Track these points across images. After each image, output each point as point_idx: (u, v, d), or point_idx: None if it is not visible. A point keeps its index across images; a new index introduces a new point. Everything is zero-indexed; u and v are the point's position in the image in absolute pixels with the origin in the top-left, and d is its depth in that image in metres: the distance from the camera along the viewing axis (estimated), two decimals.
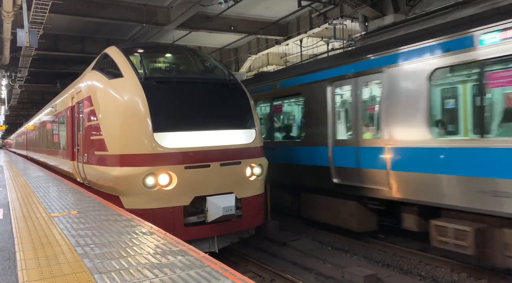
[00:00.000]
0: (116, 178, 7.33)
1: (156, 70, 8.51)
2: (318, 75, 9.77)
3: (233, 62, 22.14)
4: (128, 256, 3.94)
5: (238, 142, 7.85)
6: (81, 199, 7.60)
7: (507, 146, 6.05)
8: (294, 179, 10.70)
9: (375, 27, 12.62)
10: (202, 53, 9.96)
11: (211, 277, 3.32)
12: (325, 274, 7.72)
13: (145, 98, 7.24)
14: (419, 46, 7.32)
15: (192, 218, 7.39)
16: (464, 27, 6.69)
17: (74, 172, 10.56)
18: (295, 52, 20.63)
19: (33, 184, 10.50)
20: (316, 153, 9.78)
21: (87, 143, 8.86)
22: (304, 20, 16.86)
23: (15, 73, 19.78)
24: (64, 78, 24.19)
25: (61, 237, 4.76)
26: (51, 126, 15.84)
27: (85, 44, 19.14)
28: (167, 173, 7.11)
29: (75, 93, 10.42)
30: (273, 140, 11.79)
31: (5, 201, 7.90)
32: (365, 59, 8.44)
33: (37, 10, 10.55)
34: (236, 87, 8.49)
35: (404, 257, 8.43)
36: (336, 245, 9.42)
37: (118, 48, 8.57)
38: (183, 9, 14.06)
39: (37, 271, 3.61)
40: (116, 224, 5.36)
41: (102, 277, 3.39)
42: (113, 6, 14.71)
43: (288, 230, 10.67)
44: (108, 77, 8.09)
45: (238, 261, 8.47)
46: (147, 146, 7.08)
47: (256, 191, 8.18)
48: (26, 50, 15.20)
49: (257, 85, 12.42)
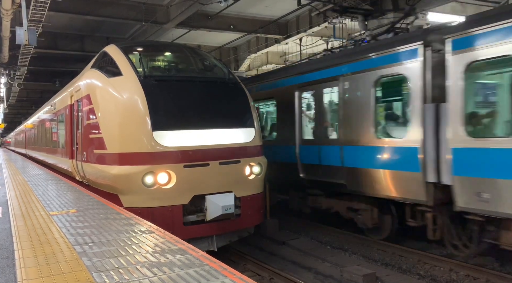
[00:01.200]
0: (115, 176, 7.32)
1: (156, 69, 8.50)
2: (288, 81, 10.81)
3: (232, 61, 22.12)
4: (127, 255, 3.93)
5: (237, 141, 7.84)
6: (80, 198, 7.59)
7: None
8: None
9: (375, 26, 12.63)
10: (201, 52, 9.95)
11: (210, 276, 3.32)
12: (324, 273, 7.72)
13: (144, 97, 7.23)
14: (367, 58, 8.30)
15: (191, 217, 7.39)
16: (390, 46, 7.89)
17: (73, 170, 10.55)
18: (295, 51, 20.63)
19: (32, 182, 10.49)
20: (286, 151, 10.65)
21: (86, 141, 8.85)
22: (304, 19, 16.82)
23: (14, 71, 19.74)
24: (63, 76, 24.14)
25: (60, 236, 4.75)
26: (50, 124, 15.83)
27: (84, 42, 19.09)
28: (166, 171, 7.11)
29: (74, 91, 10.41)
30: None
31: (4, 199, 7.89)
32: (325, 68, 9.44)
33: (36, 8, 10.51)
34: (236, 86, 8.49)
35: (403, 256, 8.44)
36: (335, 244, 9.42)
37: (118, 47, 8.56)
38: (182, 8, 14.03)
39: (36, 270, 3.61)
40: (115, 223, 5.36)
41: (101, 276, 3.38)
42: (113, 5, 14.67)
43: (287, 229, 10.68)
44: (107, 75, 8.08)
45: (237, 260, 8.47)
46: (146, 144, 7.08)
47: (255, 190, 8.18)
48: (25, 48, 15.16)
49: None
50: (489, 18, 6.34)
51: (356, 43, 10.34)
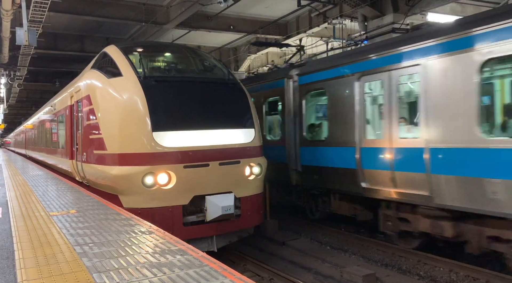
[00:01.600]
0: (115, 177, 7.32)
1: (155, 69, 8.51)
2: (258, 88, 12.46)
3: (232, 61, 22.13)
4: (127, 255, 3.94)
5: (237, 142, 7.85)
6: (80, 198, 7.59)
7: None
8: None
9: (375, 27, 12.64)
10: (201, 52, 9.96)
11: (210, 276, 3.32)
12: (324, 273, 7.72)
13: (144, 97, 7.23)
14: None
15: (191, 217, 7.39)
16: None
17: (73, 171, 10.55)
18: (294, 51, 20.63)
19: (32, 182, 10.49)
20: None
21: (86, 142, 8.85)
22: (304, 20, 16.85)
23: (14, 72, 19.76)
24: (63, 77, 24.15)
25: (60, 236, 4.75)
26: (50, 125, 15.83)
27: (84, 43, 19.10)
28: (166, 172, 7.11)
29: (74, 92, 10.41)
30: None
31: (4, 199, 7.89)
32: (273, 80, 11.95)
33: (36, 8, 10.52)
34: (236, 87, 8.49)
35: (402, 257, 8.44)
36: (334, 245, 9.42)
37: (117, 47, 8.56)
38: (182, 8, 14.05)
39: (36, 270, 3.61)
40: (115, 223, 5.36)
41: (101, 276, 3.39)
42: (113, 5, 14.69)
43: (287, 229, 10.68)
44: (107, 76, 8.08)
45: (237, 260, 8.47)
46: (146, 145, 7.08)
47: (255, 191, 8.18)
48: (25, 49, 15.17)
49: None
50: (315, 64, 10.31)
51: (356, 43, 10.48)
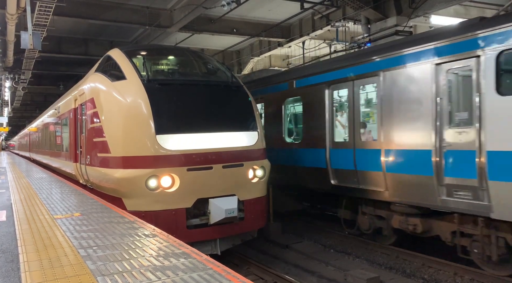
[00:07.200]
0: (118, 180, 7.33)
1: (159, 73, 8.53)
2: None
3: (235, 64, 22.18)
4: (130, 259, 3.94)
5: (241, 144, 7.85)
6: (84, 201, 7.61)
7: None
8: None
9: (378, 29, 12.63)
10: (204, 55, 9.98)
11: (213, 279, 3.32)
12: (327, 276, 7.70)
13: (148, 100, 7.25)
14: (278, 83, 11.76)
15: (194, 220, 7.39)
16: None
17: (76, 174, 10.58)
18: (298, 54, 20.67)
19: (36, 185, 10.53)
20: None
21: (90, 145, 8.88)
22: (307, 23, 16.87)
23: (18, 75, 19.86)
24: (67, 80, 24.29)
25: (64, 239, 4.76)
26: (54, 128, 15.88)
27: (88, 46, 19.20)
28: (170, 175, 7.11)
29: (78, 95, 10.45)
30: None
31: (8, 202, 7.91)
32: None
33: (41, 12, 10.58)
34: (239, 89, 8.50)
35: (407, 260, 8.41)
36: (338, 248, 9.40)
37: (121, 50, 8.59)
38: (185, 12, 14.10)
39: (40, 273, 3.62)
40: (119, 226, 5.36)
41: (105, 280, 3.39)
42: (116, 9, 14.76)
43: (290, 232, 10.66)
44: (111, 79, 8.11)
45: (240, 263, 8.47)
46: (150, 148, 7.09)
47: (259, 193, 8.18)
48: (29, 52, 15.24)
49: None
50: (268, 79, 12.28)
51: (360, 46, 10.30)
